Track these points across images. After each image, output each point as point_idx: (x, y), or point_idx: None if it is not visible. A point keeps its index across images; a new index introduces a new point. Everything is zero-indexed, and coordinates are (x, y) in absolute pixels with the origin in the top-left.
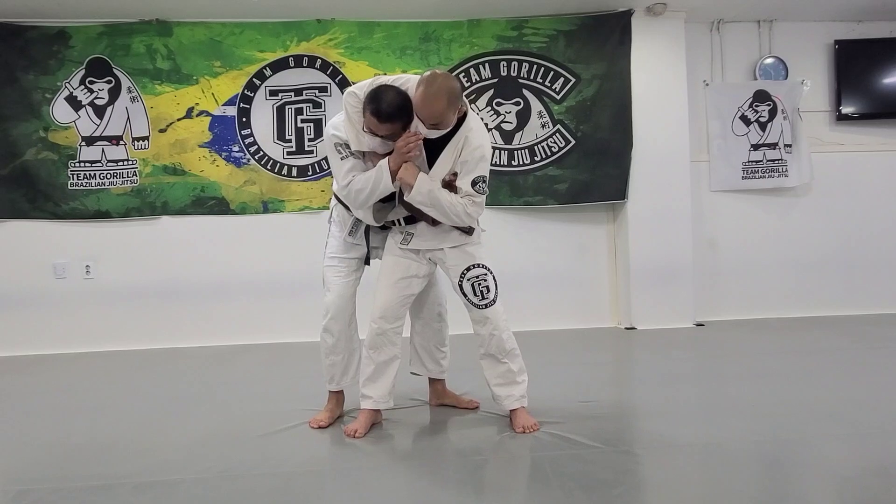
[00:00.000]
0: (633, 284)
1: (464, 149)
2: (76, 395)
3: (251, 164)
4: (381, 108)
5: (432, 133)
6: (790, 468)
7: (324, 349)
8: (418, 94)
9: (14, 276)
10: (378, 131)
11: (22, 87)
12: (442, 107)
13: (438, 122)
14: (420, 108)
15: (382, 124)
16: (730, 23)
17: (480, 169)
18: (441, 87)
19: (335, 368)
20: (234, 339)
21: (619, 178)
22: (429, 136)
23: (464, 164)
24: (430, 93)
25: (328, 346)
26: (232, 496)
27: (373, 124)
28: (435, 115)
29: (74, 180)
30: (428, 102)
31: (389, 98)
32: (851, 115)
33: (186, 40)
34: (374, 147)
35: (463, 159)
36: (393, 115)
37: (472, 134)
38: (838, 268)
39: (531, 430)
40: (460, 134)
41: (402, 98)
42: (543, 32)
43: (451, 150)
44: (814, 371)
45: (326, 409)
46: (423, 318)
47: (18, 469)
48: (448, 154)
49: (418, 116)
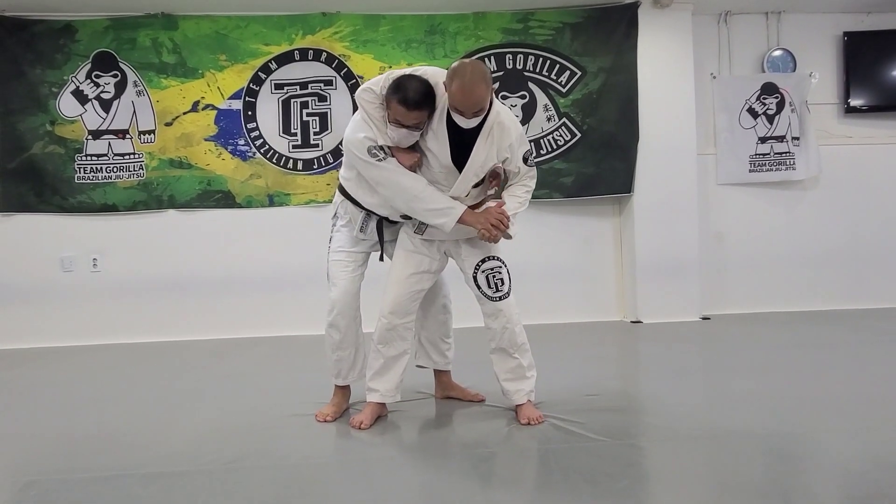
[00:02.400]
0: (638, 278)
1: (502, 133)
2: (83, 388)
3: (257, 157)
4: (408, 97)
5: (472, 122)
6: (796, 462)
7: (330, 345)
8: (456, 88)
9: (22, 269)
10: (406, 120)
11: (29, 81)
12: (483, 92)
13: (480, 109)
14: (462, 100)
15: (411, 112)
16: (737, 14)
17: (524, 144)
18: (476, 73)
19: (342, 364)
20: (240, 331)
21: (625, 172)
22: (468, 126)
23: (510, 147)
24: (467, 82)
25: (335, 342)
26: (238, 488)
27: (401, 114)
28: (477, 103)
29: (81, 174)
30: (469, 92)
31: (415, 86)
32: (860, 107)
33: (192, 34)
34: (399, 140)
35: (507, 142)
36: (421, 102)
37: (502, 117)
38: (846, 261)
39: (536, 421)
40: (490, 121)
41: (426, 85)
42: (549, 25)
43: (485, 139)
44: (820, 365)
45: (333, 404)
46: (427, 310)
47: (26, 460)
48: (483, 142)
49: (458, 110)
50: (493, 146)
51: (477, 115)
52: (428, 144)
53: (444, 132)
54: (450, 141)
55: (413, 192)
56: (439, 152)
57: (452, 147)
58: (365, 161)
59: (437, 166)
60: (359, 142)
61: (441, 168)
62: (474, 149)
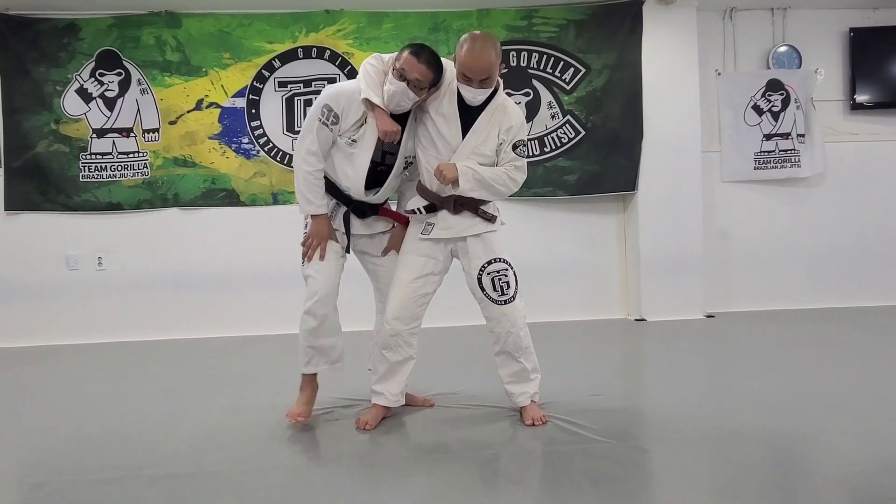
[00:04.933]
0: (643, 275)
1: (504, 116)
2: (89, 386)
3: (261, 155)
4: (421, 51)
5: (479, 94)
6: (802, 463)
7: (304, 331)
8: (465, 53)
9: (27, 267)
10: (412, 72)
11: (33, 80)
12: (492, 58)
13: (488, 77)
14: (471, 64)
15: (420, 64)
16: (742, 11)
17: (522, 133)
18: (486, 40)
19: (310, 352)
20: (245, 329)
21: (630, 169)
22: (474, 101)
23: (509, 131)
24: (476, 47)
25: (310, 329)
26: (244, 488)
27: (409, 63)
28: (486, 69)
29: (86, 172)
30: (478, 56)
31: (427, 47)
32: (866, 103)
33: (195, 32)
34: (393, 94)
35: (508, 125)
36: (431, 60)
37: (507, 103)
38: (851, 259)
39: (540, 422)
40: (495, 103)
41: (437, 55)
42: (553, 22)
43: (487, 120)
44: (826, 364)
45: (303, 402)
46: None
47: (34, 460)
48: (483, 123)
49: (466, 77)
50: (495, 127)
51: (484, 86)
52: (439, 128)
53: (454, 113)
54: (461, 123)
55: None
56: (449, 134)
57: (464, 129)
58: (312, 114)
59: (446, 150)
60: (325, 98)
61: (450, 153)
62: (475, 124)
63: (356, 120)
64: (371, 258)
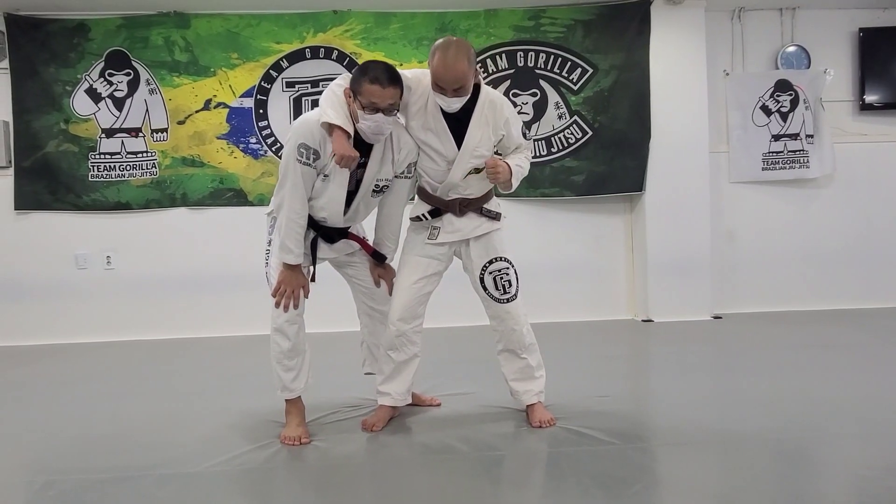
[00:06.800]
0: (650, 276)
1: (495, 111)
2: (98, 385)
3: (268, 155)
4: (379, 75)
5: (454, 103)
6: (808, 465)
7: (277, 354)
8: (437, 62)
9: (37, 266)
10: (382, 101)
11: (43, 80)
12: (465, 67)
13: (462, 86)
14: (443, 73)
15: (386, 89)
16: (751, 11)
17: (518, 120)
18: (459, 48)
19: (290, 374)
20: (254, 328)
21: (637, 170)
22: (451, 109)
23: (507, 124)
24: (449, 56)
25: (283, 351)
26: (252, 489)
27: (375, 93)
28: (459, 78)
29: (95, 172)
30: (450, 65)
31: (380, 65)
32: (875, 104)
33: (204, 32)
34: (375, 129)
35: (503, 119)
36: (394, 77)
37: (492, 96)
38: (860, 260)
39: (548, 424)
40: (482, 101)
41: (390, 65)
42: (561, 22)
43: (479, 119)
44: (833, 366)
45: (295, 424)
46: (373, 317)
47: (43, 460)
48: (477, 123)
49: (440, 86)
50: (488, 126)
51: (458, 94)
52: (431, 145)
53: (443, 128)
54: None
55: (291, 213)
56: (442, 147)
57: (456, 138)
58: (287, 157)
59: (443, 163)
60: (297, 137)
61: (447, 165)
62: (468, 130)
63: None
64: (342, 259)
